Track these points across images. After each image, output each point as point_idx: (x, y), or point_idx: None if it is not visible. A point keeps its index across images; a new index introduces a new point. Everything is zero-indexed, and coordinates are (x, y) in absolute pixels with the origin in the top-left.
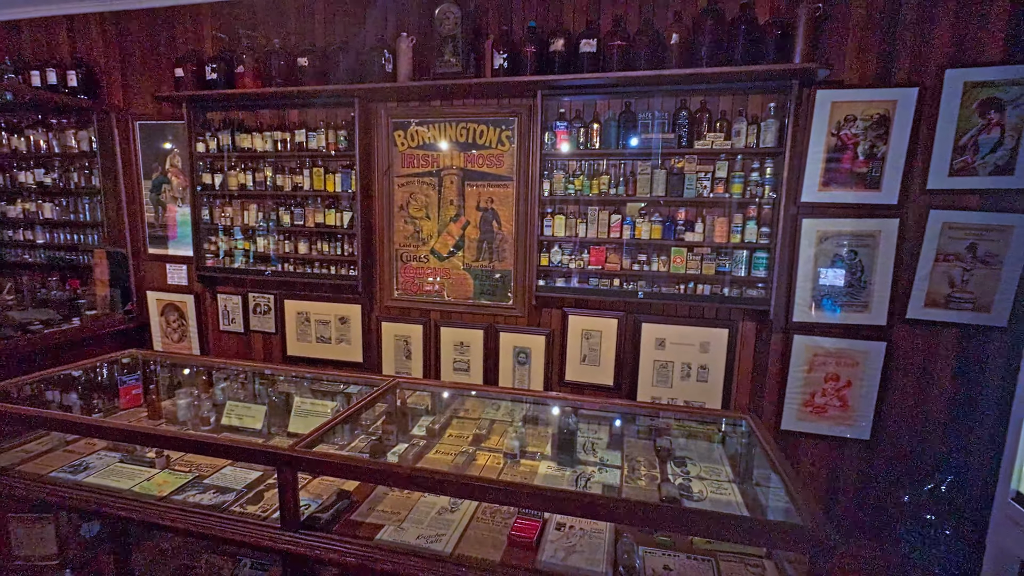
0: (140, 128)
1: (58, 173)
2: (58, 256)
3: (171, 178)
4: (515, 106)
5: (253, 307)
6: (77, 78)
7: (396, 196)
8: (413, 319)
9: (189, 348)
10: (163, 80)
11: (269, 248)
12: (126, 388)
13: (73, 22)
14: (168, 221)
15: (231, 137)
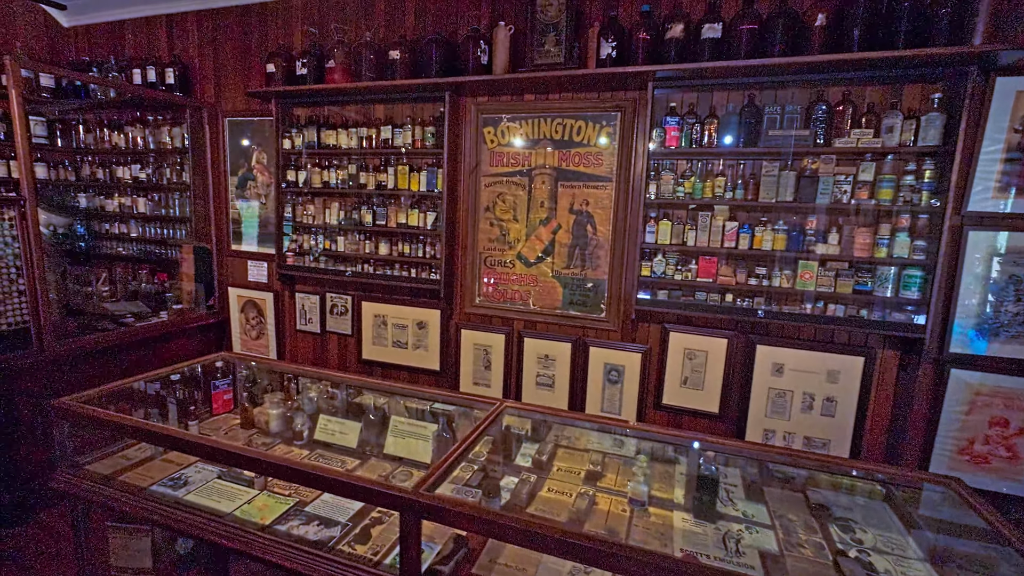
0: (229, 124)
1: (152, 169)
2: (148, 250)
3: (256, 175)
4: (618, 100)
5: (330, 308)
6: (174, 75)
7: (482, 196)
8: (495, 328)
9: (266, 346)
10: (253, 77)
11: (349, 248)
12: (218, 393)
13: (172, 21)
14: (252, 218)
15: (316, 133)
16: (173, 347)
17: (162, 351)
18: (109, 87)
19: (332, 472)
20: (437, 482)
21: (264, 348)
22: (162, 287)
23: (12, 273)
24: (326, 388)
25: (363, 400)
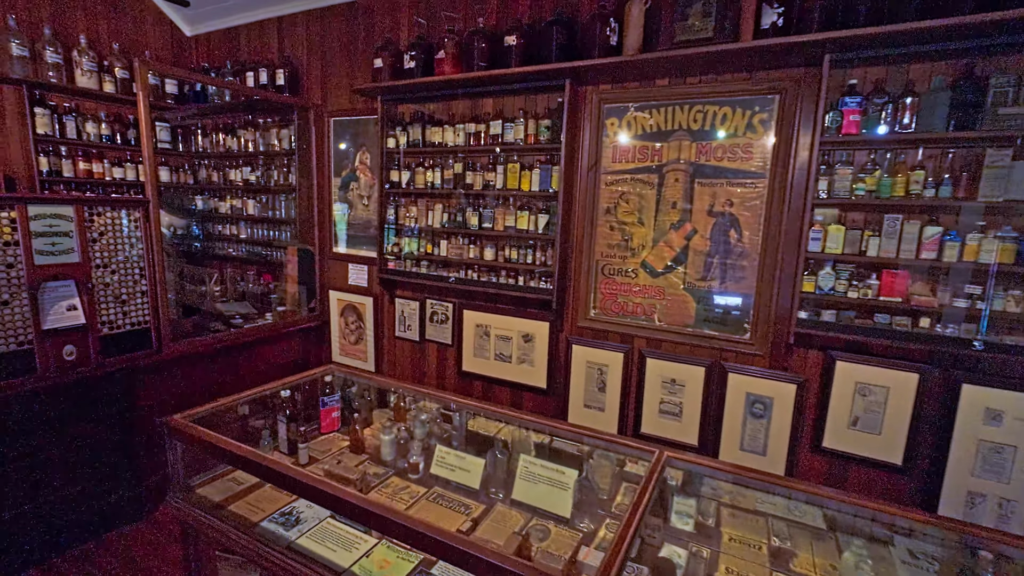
0: (334, 125)
1: (261, 171)
2: (255, 251)
3: (359, 176)
4: (775, 80)
5: (430, 315)
6: (284, 76)
7: (602, 197)
8: (611, 345)
9: (364, 352)
10: (358, 74)
11: (452, 252)
12: (327, 410)
13: (283, 23)
14: (354, 220)
15: (421, 131)
16: (276, 349)
17: (266, 353)
18: (225, 88)
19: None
20: (609, 567)
21: (362, 354)
22: (267, 288)
23: (136, 273)
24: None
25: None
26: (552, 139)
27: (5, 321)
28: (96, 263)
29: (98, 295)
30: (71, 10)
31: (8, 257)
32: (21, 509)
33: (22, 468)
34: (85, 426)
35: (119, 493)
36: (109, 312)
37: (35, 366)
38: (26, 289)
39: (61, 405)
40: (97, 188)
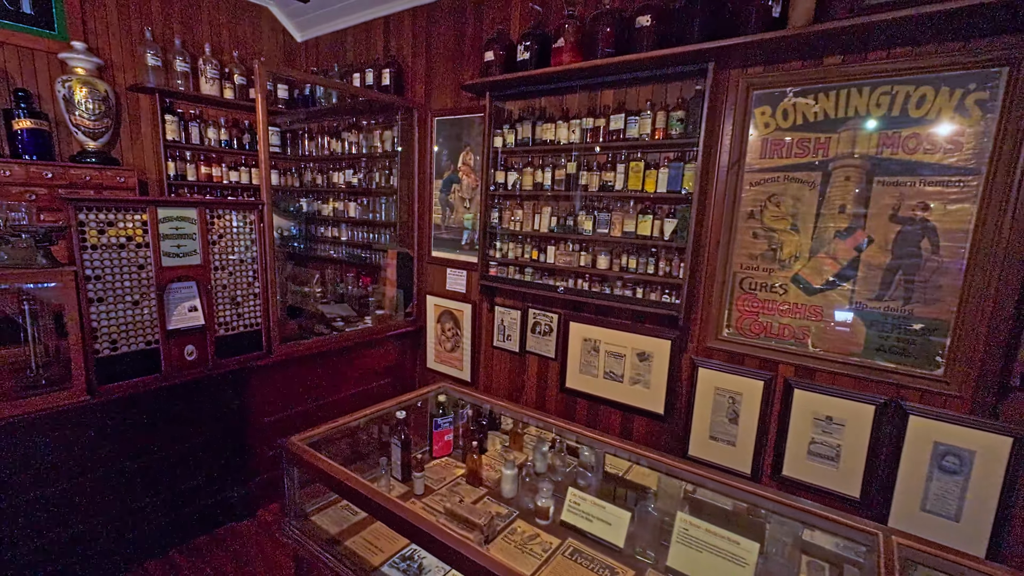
0: (437, 124)
1: (363, 174)
2: (355, 253)
3: (462, 177)
4: (1005, 48)
5: (532, 325)
6: (390, 76)
7: (745, 199)
8: (748, 370)
9: (460, 360)
10: (464, 70)
11: (561, 259)
12: (439, 433)
13: (389, 22)
14: (454, 223)
15: (532, 128)
16: (374, 354)
17: (364, 356)
18: (337, 89)
19: None
20: None
21: (458, 362)
22: (366, 291)
23: (250, 276)
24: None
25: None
26: (685, 133)
27: (136, 321)
28: (215, 265)
29: (215, 297)
30: (197, 22)
31: (140, 259)
32: (143, 501)
33: (144, 463)
34: (199, 425)
35: (230, 490)
36: (225, 314)
37: (159, 365)
38: (154, 290)
39: (179, 404)
40: (215, 191)
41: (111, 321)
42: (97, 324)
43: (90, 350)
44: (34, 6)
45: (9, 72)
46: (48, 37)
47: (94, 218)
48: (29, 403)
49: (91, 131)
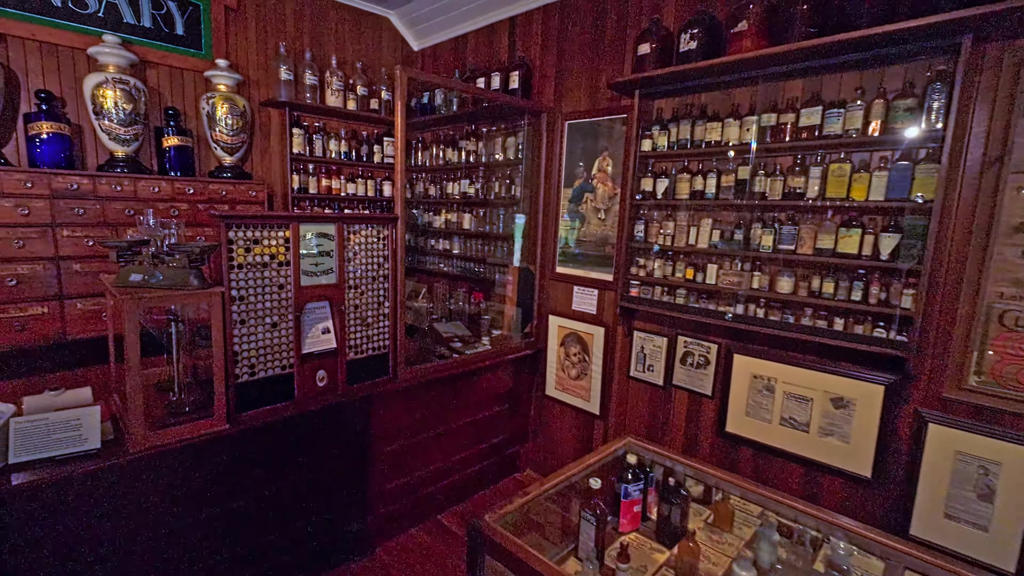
0: (568, 129)
1: (481, 183)
2: (467, 267)
3: (596, 185)
4: None
5: (682, 356)
6: (518, 79)
7: (1009, 208)
8: (1010, 433)
9: (588, 389)
10: (604, 70)
11: (724, 280)
12: (628, 503)
13: (515, 22)
14: (586, 236)
15: (691, 128)
16: (492, 378)
17: (482, 381)
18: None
19: None
20: None
21: (584, 391)
22: (478, 308)
23: (380, 295)
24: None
25: None
26: (928, 121)
27: (274, 344)
28: (349, 284)
29: (348, 318)
30: (325, 35)
31: (281, 278)
32: (262, 536)
33: (264, 495)
34: (320, 455)
35: (349, 524)
36: (355, 336)
37: (293, 391)
38: (292, 311)
39: (303, 433)
40: (333, 203)
41: (251, 344)
42: (239, 347)
43: (231, 375)
44: (186, 28)
45: (161, 91)
46: (195, 56)
47: (242, 236)
48: (172, 432)
49: (229, 146)
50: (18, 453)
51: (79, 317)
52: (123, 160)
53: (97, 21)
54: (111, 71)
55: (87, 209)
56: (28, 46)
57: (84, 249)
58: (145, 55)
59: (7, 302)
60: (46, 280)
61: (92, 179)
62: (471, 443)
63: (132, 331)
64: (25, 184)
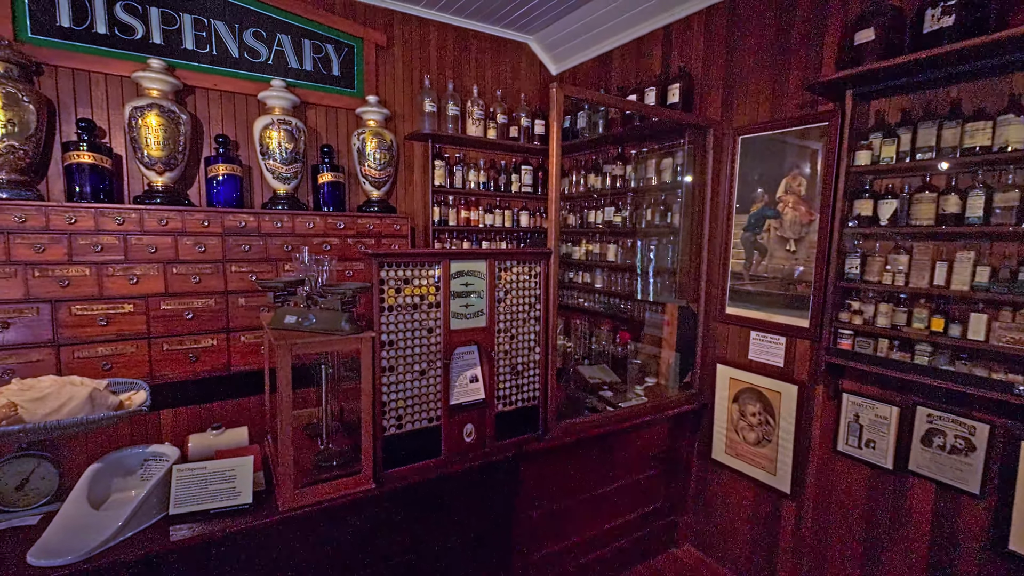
0: (742, 145)
1: (629, 211)
2: (612, 303)
3: (783, 210)
4: None
5: (924, 434)
6: (679, 92)
7: None
8: None
9: (772, 459)
10: (790, 71)
11: (1002, 336)
12: None
13: (670, 32)
14: (768, 271)
15: (935, 132)
16: (644, 435)
17: (633, 438)
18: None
19: None
20: None
21: (767, 461)
22: (625, 350)
23: (531, 339)
24: None
25: None
26: None
27: (421, 393)
28: (498, 327)
29: (497, 365)
30: (466, 65)
31: (430, 320)
32: None
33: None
34: (466, 519)
35: None
36: (504, 386)
37: (439, 447)
38: (441, 357)
39: (445, 494)
40: (471, 235)
41: (399, 394)
42: (386, 397)
43: (379, 428)
44: (341, 68)
45: (318, 130)
46: (349, 95)
47: (393, 275)
48: (320, 490)
49: (376, 180)
50: (178, 504)
51: (242, 349)
52: (283, 197)
53: (267, 68)
54: (277, 113)
55: (252, 245)
56: (211, 95)
57: (248, 284)
58: (306, 97)
59: (184, 334)
60: (216, 314)
61: (257, 216)
62: (623, 510)
63: (284, 379)
64: (203, 223)
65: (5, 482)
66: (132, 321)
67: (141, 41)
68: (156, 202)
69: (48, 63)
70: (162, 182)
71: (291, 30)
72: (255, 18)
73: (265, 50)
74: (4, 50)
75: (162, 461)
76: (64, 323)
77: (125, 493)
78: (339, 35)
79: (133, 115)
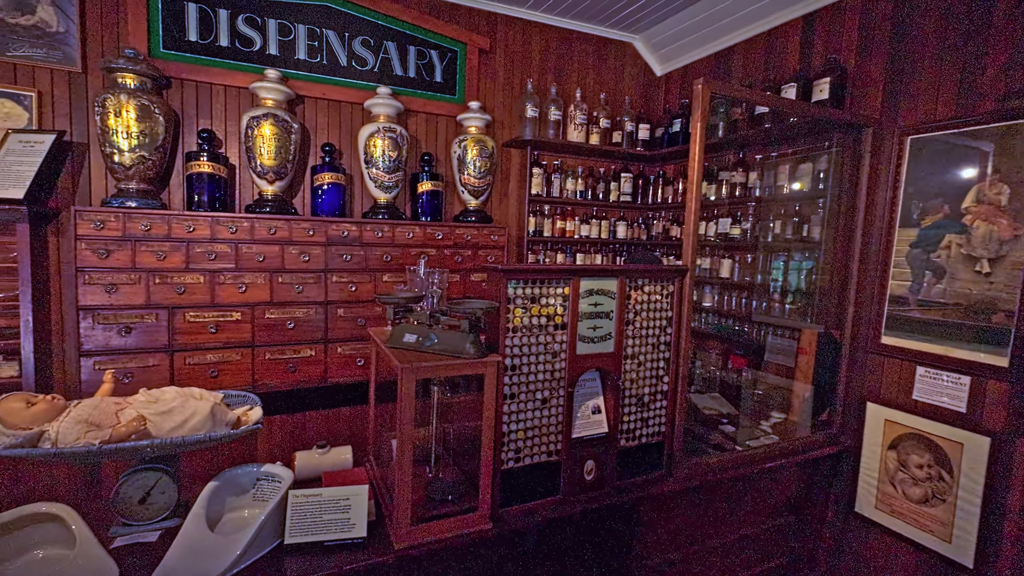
0: (911, 146)
1: (751, 222)
2: (723, 324)
3: (972, 223)
4: None
5: None
6: (829, 88)
7: None
8: None
9: (947, 524)
10: (983, 60)
11: None
12: None
13: (812, 20)
14: (944, 296)
15: None
16: (774, 480)
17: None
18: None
19: None
20: None
21: (940, 525)
22: (739, 377)
23: (660, 367)
24: None
25: None
26: None
27: (542, 424)
28: (626, 352)
29: (622, 395)
30: (568, 67)
31: (555, 343)
32: None
33: None
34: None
35: None
36: (629, 419)
37: (558, 485)
38: (564, 384)
39: (557, 538)
40: (565, 247)
41: (519, 424)
42: (506, 427)
43: (498, 462)
44: (443, 74)
45: (418, 138)
46: (450, 101)
47: (520, 292)
48: (434, 528)
49: (475, 189)
50: (293, 533)
51: (338, 361)
52: (384, 207)
53: (373, 76)
54: (381, 121)
55: (352, 255)
56: (319, 104)
57: (347, 294)
58: (409, 104)
59: (284, 344)
60: (315, 324)
61: (359, 226)
62: (747, 563)
63: (407, 408)
64: (308, 232)
65: (129, 495)
66: (239, 329)
67: (258, 53)
68: (266, 211)
69: (176, 76)
70: (272, 191)
71: (398, 37)
72: (364, 26)
73: (372, 58)
74: (140, 64)
75: (274, 482)
76: (178, 329)
77: (238, 512)
78: (444, 40)
79: (250, 124)
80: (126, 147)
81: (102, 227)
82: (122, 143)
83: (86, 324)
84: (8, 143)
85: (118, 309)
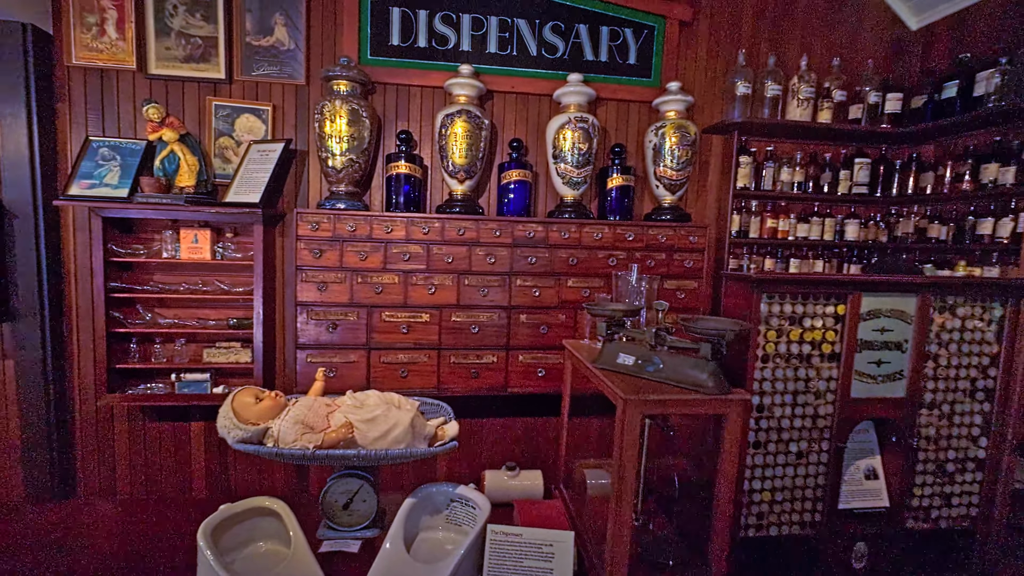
0: None
1: None
2: None
3: None
4: None
5: None
6: None
7: None
8: None
9: None
10: None
11: None
12: None
13: None
14: None
15: None
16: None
17: None
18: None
19: None
20: None
21: None
22: None
23: (977, 421)
24: None
25: None
26: None
27: (795, 487)
28: (924, 399)
29: (912, 456)
30: (788, 32)
31: (819, 380)
32: None
33: None
34: None
35: None
36: (923, 491)
37: (812, 568)
38: (829, 435)
39: None
40: (776, 251)
41: (764, 482)
42: (747, 484)
43: (735, 527)
44: (638, 55)
45: (607, 128)
46: (643, 85)
47: (776, 311)
48: None
49: (672, 183)
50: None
51: (519, 370)
52: (570, 205)
53: (563, 64)
54: (572, 111)
55: (537, 257)
56: (507, 99)
57: (529, 299)
58: (599, 91)
59: (468, 348)
60: (499, 329)
61: (545, 226)
62: None
63: (630, 450)
64: (495, 233)
65: (335, 498)
66: (427, 331)
67: (452, 50)
68: (455, 211)
69: (379, 81)
70: (461, 191)
71: (590, 18)
72: (557, 10)
73: (562, 44)
74: (352, 71)
75: (468, 506)
76: (375, 328)
77: (432, 534)
78: (639, 15)
79: (444, 123)
80: (338, 151)
81: (316, 228)
82: (335, 147)
83: (302, 319)
84: (250, 153)
85: (327, 306)
